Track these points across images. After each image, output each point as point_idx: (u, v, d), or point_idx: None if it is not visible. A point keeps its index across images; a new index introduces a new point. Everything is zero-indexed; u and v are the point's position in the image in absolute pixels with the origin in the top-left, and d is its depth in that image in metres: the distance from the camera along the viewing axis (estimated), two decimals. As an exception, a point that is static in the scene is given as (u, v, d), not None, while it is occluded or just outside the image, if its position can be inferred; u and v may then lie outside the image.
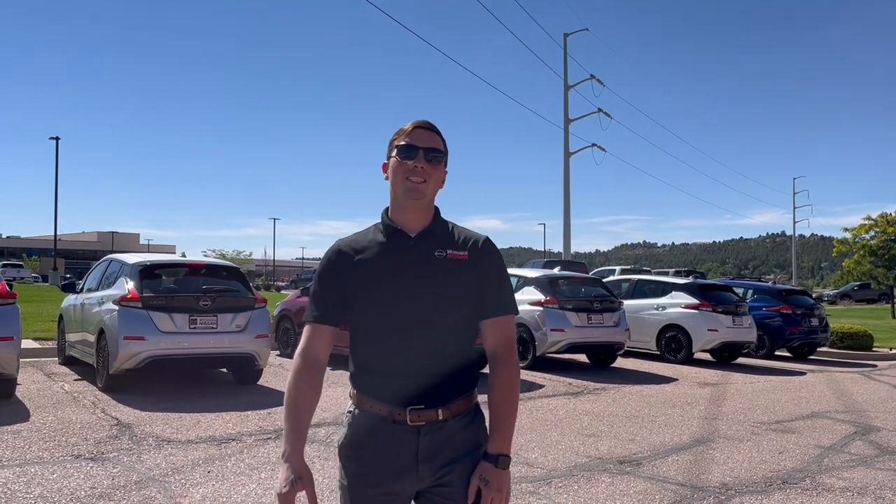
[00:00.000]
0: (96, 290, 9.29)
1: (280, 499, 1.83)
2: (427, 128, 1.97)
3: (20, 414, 6.87)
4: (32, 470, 5.01)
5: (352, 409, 1.98)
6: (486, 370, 1.99)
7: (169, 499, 4.48)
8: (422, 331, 1.87)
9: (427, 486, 1.91)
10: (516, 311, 2.03)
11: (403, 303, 1.88)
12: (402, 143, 1.93)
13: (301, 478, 1.83)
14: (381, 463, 1.90)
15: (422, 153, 1.92)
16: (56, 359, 10.78)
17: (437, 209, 2.01)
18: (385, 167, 1.99)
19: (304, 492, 1.83)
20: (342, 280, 1.94)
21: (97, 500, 4.41)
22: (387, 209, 2.01)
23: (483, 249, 1.98)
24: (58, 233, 47.94)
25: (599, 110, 35.23)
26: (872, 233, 46.60)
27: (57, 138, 43.95)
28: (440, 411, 1.88)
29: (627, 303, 13.46)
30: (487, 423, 1.97)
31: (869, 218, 47.02)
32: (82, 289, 9.97)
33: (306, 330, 1.98)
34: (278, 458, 1.92)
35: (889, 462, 6.05)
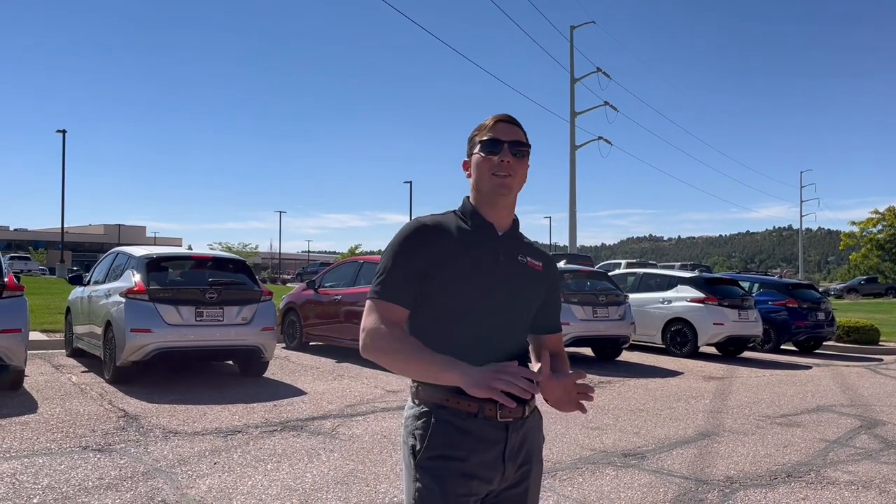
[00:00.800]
0: (103, 282, 9.34)
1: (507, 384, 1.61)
2: (509, 121, 1.92)
3: (28, 405, 6.92)
4: (40, 461, 5.05)
5: (422, 407, 1.84)
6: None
7: (175, 490, 4.51)
8: (505, 328, 1.87)
9: (505, 486, 1.87)
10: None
11: (492, 299, 1.84)
12: (486, 137, 1.88)
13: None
14: (474, 462, 1.79)
15: (507, 147, 1.87)
16: (63, 351, 10.83)
17: (516, 216, 2.00)
18: (466, 165, 1.95)
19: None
20: (425, 260, 1.82)
21: (105, 490, 4.44)
22: (468, 198, 1.95)
23: (552, 264, 2.03)
24: (65, 225, 48.17)
25: (606, 103, 35.14)
26: (880, 226, 46.46)
27: (63, 131, 44.16)
28: (525, 407, 1.87)
29: (633, 296, 13.46)
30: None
31: (877, 212, 46.87)
32: (89, 281, 10.02)
33: (378, 308, 1.82)
34: (460, 376, 1.67)
35: (894, 456, 6.05)
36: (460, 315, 1.83)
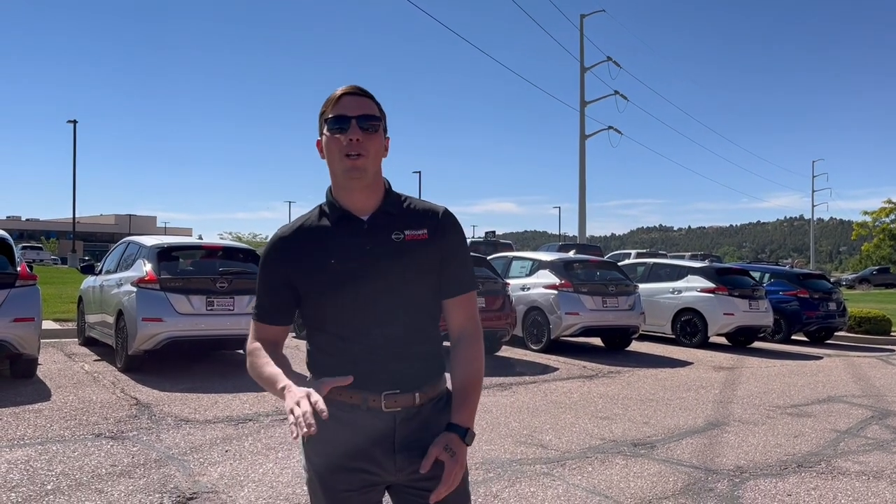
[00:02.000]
0: (115, 271, 9.39)
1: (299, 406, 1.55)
2: (356, 93, 1.74)
3: (41, 393, 6.98)
4: (54, 448, 5.10)
5: None
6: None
7: (187, 477, 4.55)
8: (388, 316, 1.73)
9: (405, 478, 1.78)
10: (477, 287, 1.92)
11: (365, 291, 1.72)
12: (332, 114, 1.71)
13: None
14: (357, 455, 1.75)
15: (355, 123, 1.70)
16: (76, 339, 10.92)
17: (387, 183, 1.82)
18: (319, 145, 1.78)
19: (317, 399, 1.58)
20: (289, 275, 1.77)
21: (117, 477, 4.48)
22: (330, 188, 1.81)
23: (443, 224, 1.81)
24: (76, 215, 48.42)
25: (616, 92, 34.97)
26: (893, 216, 46.11)
27: (75, 122, 44.28)
28: (417, 395, 1.76)
29: (643, 286, 13.42)
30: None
31: (889, 201, 46.51)
32: (101, 271, 10.09)
33: (254, 327, 1.84)
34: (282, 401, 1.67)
35: (905, 446, 6.02)
36: (341, 319, 1.74)
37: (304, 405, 1.51)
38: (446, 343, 1.87)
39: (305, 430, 1.48)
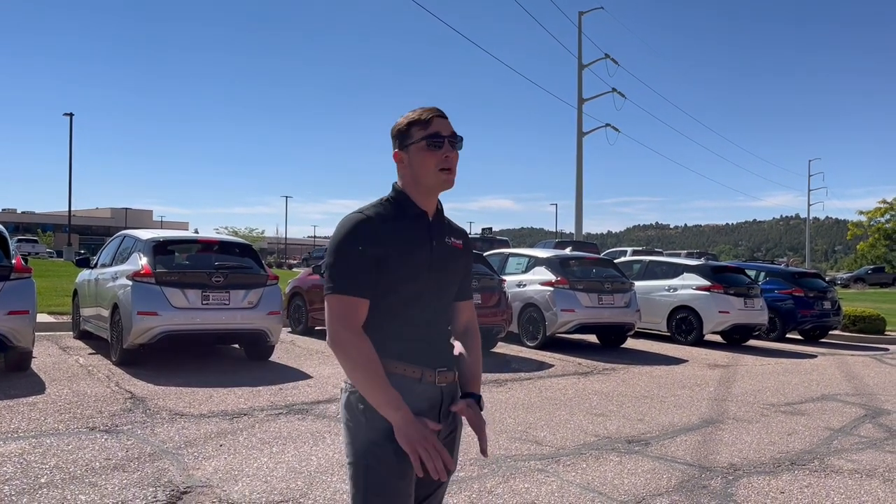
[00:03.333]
0: (110, 265, 9.37)
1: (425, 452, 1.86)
2: (443, 116, 2.03)
3: (36, 386, 6.97)
4: (48, 441, 5.10)
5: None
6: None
7: (182, 471, 4.55)
8: (439, 304, 2.06)
9: (441, 438, 2.05)
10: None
11: (431, 280, 2.01)
12: (428, 132, 1.99)
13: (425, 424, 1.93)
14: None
15: (447, 142, 2.00)
16: (71, 333, 10.90)
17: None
18: (397, 156, 2.05)
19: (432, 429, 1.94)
20: (379, 253, 1.94)
21: (112, 471, 4.48)
22: (396, 184, 2.08)
23: (467, 242, 2.19)
24: (72, 209, 48.26)
25: (613, 90, 34.96)
26: (888, 216, 46.22)
27: (71, 114, 44.14)
28: (456, 373, 2.11)
29: (638, 284, 13.44)
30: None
31: (884, 201, 46.62)
32: (96, 264, 10.06)
33: (340, 304, 1.94)
34: (389, 419, 1.92)
35: (898, 445, 6.04)
36: (411, 301, 1.99)
37: (433, 453, 1.86)
38: None
39: (439, 478, 1.87)
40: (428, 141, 1.99)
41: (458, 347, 2.20)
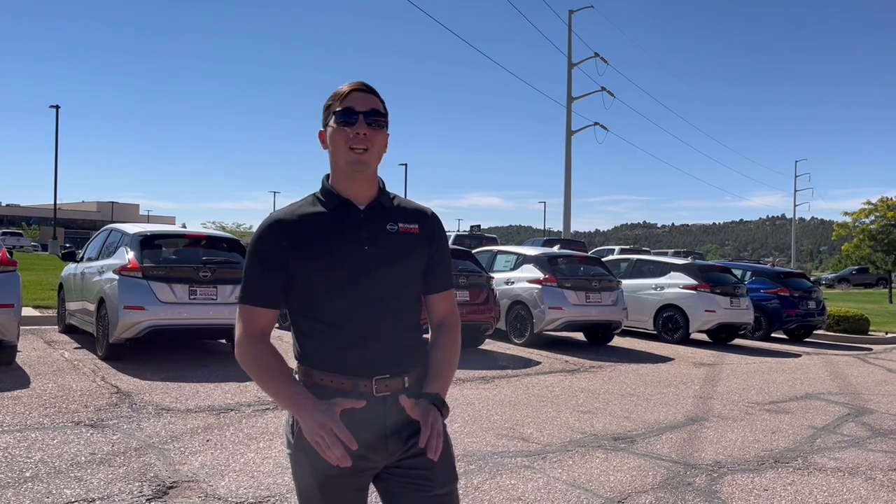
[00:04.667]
0: (96, 259, 9.31)
1: (325, 440, 1.65)
2: (365, 90, 1.82)
3: (20, 380, 6.92)
4: (33, 435, 5.07)
5: None
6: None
7: (168, 466, 4.53)
8: (380, 303, 1.80)
9: (396, 460, 1.83)
10: (454, 285, 2.05)
11: (361, 278, 1.78)
12: (340, 108, 1.79)
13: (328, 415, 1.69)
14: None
15: (362, 118, 1.78)
16: (56, 327, 10.83)
17: (381, 180, 1.90)
18: (322, 136, 1.86)
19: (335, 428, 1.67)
20: (287, 257, 1.78)
21: (97, 465, 4.46)
22: (327, 176, 1.88)
23: (433, 224, 1.92)
24: (58, 202, 47.88)
25: (603, 89, 35.02)
26: (872, 217, 46.61)
27: (57, 107, 43.71)
28: (405, 379, 1.83)
29: (626, 282, 13.50)
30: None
31: (869, 202, 47.01)
32: (82, 258, 10.00)
33: (241, 314, 1.82)
34: (285, 422, 1.83)
35: (881, 443, 6.12)
36: (334, 304, 1.78)
37: (330, 439, 1.64)
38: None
39: (340, 465, 1.64)
40: (337, 116, 1.79)
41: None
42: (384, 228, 1.83)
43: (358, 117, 1.78)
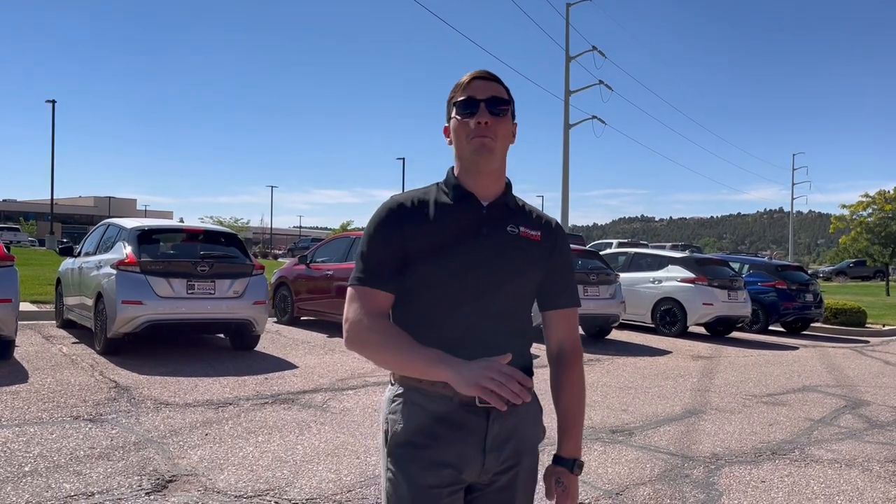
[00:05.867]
0: (94, 254, 9.30)
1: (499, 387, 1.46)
2: (487, 77, 1.72)
3: (19, 375, 6.92)
4: (31, 430, 5.07)
5: (397, 388, 1.72)
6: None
7: (167, 460, 4.54)
8: (490, 304, 1.68)
9: (487, 480, 1.70)
10: (580, 304, 1.88)
11: (474, 276, 1.66)
12: (461, 98, 1.70)
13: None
14: (447, 451, 1.65)
15: (483, 106, 1.68)
16: (54, 322, 10.82)
17: (508, 180, 1.79)
18: (447, 131, 1.77)
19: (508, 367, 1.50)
20: (405, 241, 1.67)
21: (96, 460, 4.46)
22: (452, 168, 1.78)
23: (556, 233, 1.80)
24: (54, 197, 47.79)
25: (601, 82, 34.98)
26: (870, 210, 46.62)
27: (53, 101, 43.58)
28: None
29: (624, 276, 13.52)
30: (556, 425, 1.82)
31: (867, 195, 47.01)
32: (80, 253, 9.98)
33: (356, 295, 1.69)
34: (448, 372, 1.54)
35: (877, 435, 6.14)
36: (443, 300, 1.66)
37: (502, 377, 1.46)
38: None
39: (520, 400, 1.46)
40: (459, 106, 1.70)
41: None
42: (504, 229, 1.72)
43: (479, 106, 1.68)
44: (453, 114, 1.72)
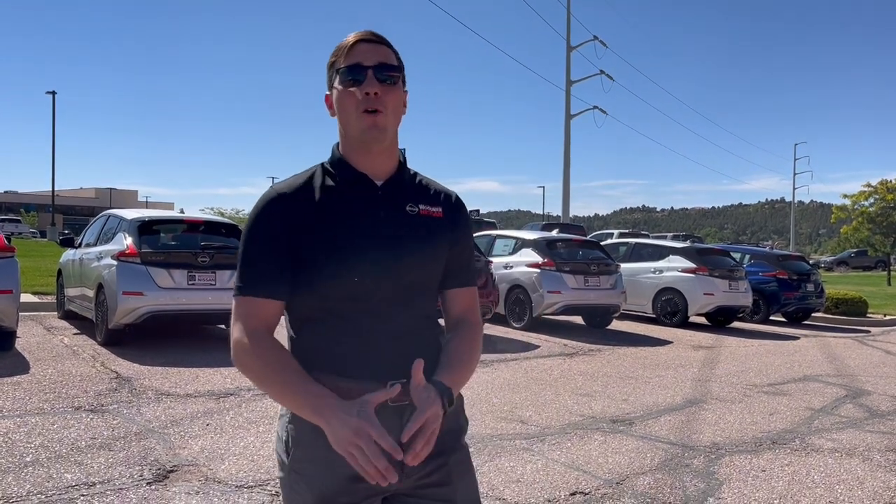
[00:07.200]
0: (95, 245, 9.30)
1: (360, 453, 1.33)
2: (372, 40, 1.52)
3: (20, 366, 6.93)
4: (33, 420, 5.08)
5: None
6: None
7: (168, 450, 4.55)
8: (396, 294, 1.52)
9: (411, 485, 1.52)
10: (476, 285, 1.73)
11: (374, 267, 1.48)
12: (345, 64, 1.49)
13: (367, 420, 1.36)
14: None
15: (371, 73, 1.48)
16: (55, 313, 10.83)
17: (401, 152, 1.62)
18: (328, 100, 1.56)
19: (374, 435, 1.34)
20: (290, 236, 1.48)
21: (97, 450, 4.47)
22: (337, 145, 1.58)
23: (457, 208, 1.65)
24: (55, 188, 47.81)
25: (602, 72, 34.90)
26: (872, 200, 46.55)
27: (53, 92, 43.55)
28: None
29: (625, 266, 13.51)
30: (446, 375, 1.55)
31: (868, 185, 46.94)
32: (81, 244, 9.99)
33: (243, 308, 1.48)
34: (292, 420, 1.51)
35: (878, 424, 6.15)
36: (341, 296, 1.48)
37: (371, 450, 1.32)
38: None
39: (383, 482, 1.33)
40: (343, 74, 1.49)
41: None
42: (403, 209, 1.55)
43: (366, 73, 1.48)
44: (335, 82, 1.52)
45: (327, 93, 1.56)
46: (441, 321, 1.69)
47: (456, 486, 1.57)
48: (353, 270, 1.48)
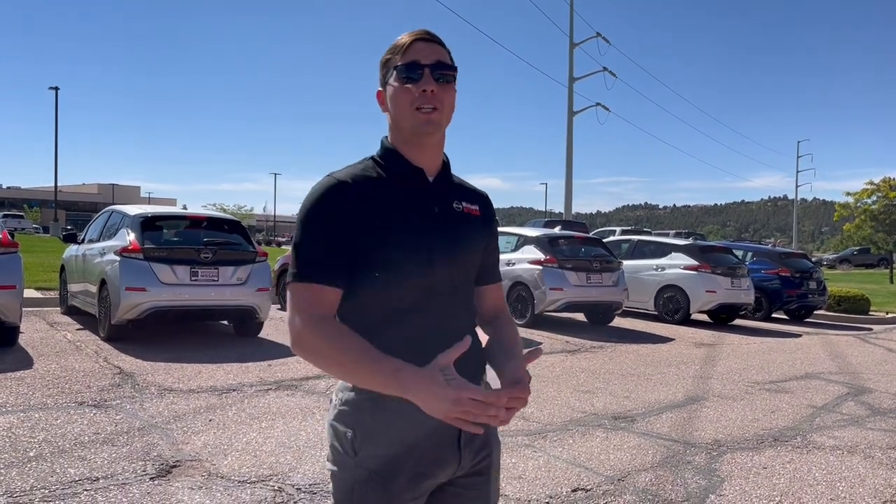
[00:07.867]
0: (98, 240, 9.32)
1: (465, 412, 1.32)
2: (430, 39, 1.55)
3: (23, 361, 6.95)
4: (36, 415, 5.10)
5: (357, 390, 1.51)
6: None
7: (171, 445, 4.57)
8: (446, 290, 1.54)
9: (461, 473, 1.58)
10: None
11: (432, 264, 1.51)
12: (402, 62, 1.52)
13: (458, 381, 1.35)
14: (424, 453, 1.50)
15: (428, 72, 1.51)
16: (58, 308, 10.86)
17: (445, 153, 1.66)
18: (380, 96, 1.59)
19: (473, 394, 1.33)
20: (351, 225, 1.47)
21: (100, 445, 4.49)
22: (386, 138, 1.61)
23: (489, 206, 1.71)
24: (58, 184, 47.83)
25: (605, 69, 34.81)
26: (874, 197, 46.43)
27: (56, 88, 43.54)
28: (482, 384, 1.59)
29: (627, 263, 13.50)
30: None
31: (871, 183, 46.81)
32: (83, 239, 10.01)
33: (301, 294, 1.46)
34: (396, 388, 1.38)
35: (880, 422, 6.15)
36: (399, 293, 1.49)
37: (479, 408, 1.32)
38: None
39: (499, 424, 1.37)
40: (400, 72, 1.51)
41: (484, 338, 1.67)
42: (451, 206, 1.59)
43: (423, 72, 1.50)
44: (391, 79, 1.54)
45: (379, 89, 1.59)
46: None
47: (490, 478, 1.63)
48: (410, 262, 1.49)
